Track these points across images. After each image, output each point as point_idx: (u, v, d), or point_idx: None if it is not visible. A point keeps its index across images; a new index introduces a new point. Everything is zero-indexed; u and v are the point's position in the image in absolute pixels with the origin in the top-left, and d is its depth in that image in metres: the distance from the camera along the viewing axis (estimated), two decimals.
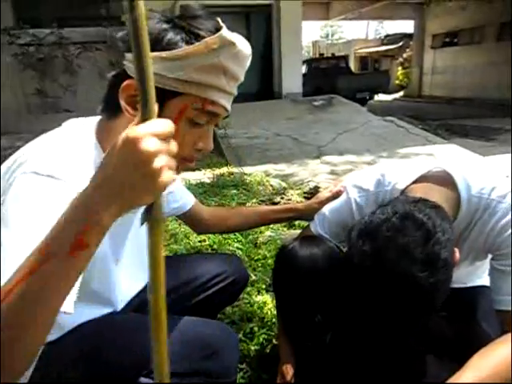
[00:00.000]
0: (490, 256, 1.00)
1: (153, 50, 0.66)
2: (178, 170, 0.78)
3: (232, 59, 0.72)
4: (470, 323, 1.09)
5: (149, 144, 0.48)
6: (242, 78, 0.77)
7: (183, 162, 0.80)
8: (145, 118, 0.49)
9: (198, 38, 0.71)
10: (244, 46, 0.73)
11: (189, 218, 1.26)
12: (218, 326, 0.99)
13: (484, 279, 1.21)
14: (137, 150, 0.47)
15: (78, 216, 0.51)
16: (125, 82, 0.70)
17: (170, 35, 0.70)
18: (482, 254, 1.01)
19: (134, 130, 0.48)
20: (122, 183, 0.50)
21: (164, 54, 0.69)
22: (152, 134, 0.48)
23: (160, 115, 0.71)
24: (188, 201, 1.21)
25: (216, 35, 0.69)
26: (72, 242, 0.50)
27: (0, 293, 0.49)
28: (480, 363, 0.80)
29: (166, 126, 0.50)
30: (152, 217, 0.53)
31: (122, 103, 0.72)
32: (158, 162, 0.48)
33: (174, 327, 0.91)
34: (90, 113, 0.86)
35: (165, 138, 0.50)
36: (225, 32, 0.70)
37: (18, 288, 0.49)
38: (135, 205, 0.52)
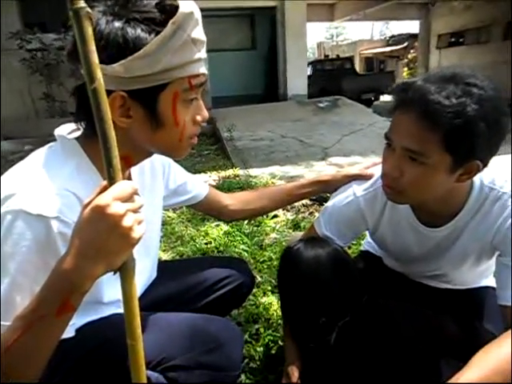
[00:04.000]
0: (496, 253, 1.00)
1: (124, 56, 0.67)
2: (188, 150, 0.84)
3: (195, 27, 0.71)
4: (475, 323, 1.08)
5: (115, 208, 0.54)
6: (205, 37, 0.75)
7: (191, 141, 0.82)
8: (110, 176, 0.55)
9: (155, 22, 0.69)
10: (195, 6, 0.71)
11: (208, 207, 1.24)
12: (222, 321, 1.01)
13: (490, 280, 1.21)
14: (106, 215, 0.54)
15: (62, 285, 0.58)
16: (110, 97, 0.68)
17: (131, 33, 0.68)
18: (488, 250, 1.00)
19: (100, 199, 0.54)
20: (99, 248, 0.56)
21: (137, 55, 0.67)
22: (116, 198, 0.54)
23: (156, 111, 0.74)
24: (201, 191, 1.20)
25: (177, 14, 0.67)
26: (58, 307, 0.57)
27: (1, 345, 0.60)
28: (482, 361, 0.80)
29: (127, 187, 0.56)
30: (123, 266, 0.57)
31: (116, 117, 0.71)
32: (126, 221, 0.55)
33: (178, 323, 0.92)
34: None
35: (129, 198, 0.56)
36: (182, 7, 0.68)
37: (14, 345, 0.59)
38: (115, 264, 0.57)
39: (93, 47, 0.50)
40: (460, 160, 0.84)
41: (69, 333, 0.75)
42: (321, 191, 1.28)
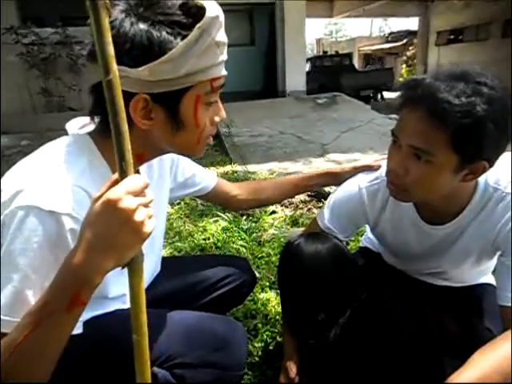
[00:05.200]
0: (497, 253, 0.99)
1: (148, 60, 0.66)
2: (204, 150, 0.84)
3: (219, 30, 0.70)
4: (474, 321, 1.08)
5: (127, 202, 0.54)
6: (227, 39, 0.75)
7: (208, 140, 0.83)
8: (122, 170, 0.54)
9: (181, 25, 0.68)
10: (219, 10, 0.70)
11: (215, 198, 1.26)
12: (228, 320, 1.01)
13: (489, 277, 1.21)
14: (118, 209, 0.53)
15: (71, 280, 0.57)
16: (133, 100, 0.69)
17: (156, 37, 0.67)
18: (490, 250, 1.00)
19: (112, 192, 0.54)
20: (110, 243, 0.55)
21: (162, 59, 0.66)
22: (128, 192, 0.54)
23: (178, 114, 0.73)
24: (209, 182, 1.21)
25: (204, 19, 0.67)
26: (68, 302, 0.56)
27: (10, 343, 0.58)
28: (481, 360, 0.79)
29: (139, 181, 0.55)
30: (132, 261, 0.57)
31: (137, 119, 0.71)
32: (138, 216, 0.54)
33: (185, 321, 0.92)
34: None
35: (141, 192, 0.55)
36: (208, 11, 0.67)
37: (25, 342, 0.57)
38: (124, 259, 0.56)
39: (109, 39, 0.49)
40: (467, 160, 0.83)
41: (78, 328, 0.74)
42: (330, 183, 1.30)
